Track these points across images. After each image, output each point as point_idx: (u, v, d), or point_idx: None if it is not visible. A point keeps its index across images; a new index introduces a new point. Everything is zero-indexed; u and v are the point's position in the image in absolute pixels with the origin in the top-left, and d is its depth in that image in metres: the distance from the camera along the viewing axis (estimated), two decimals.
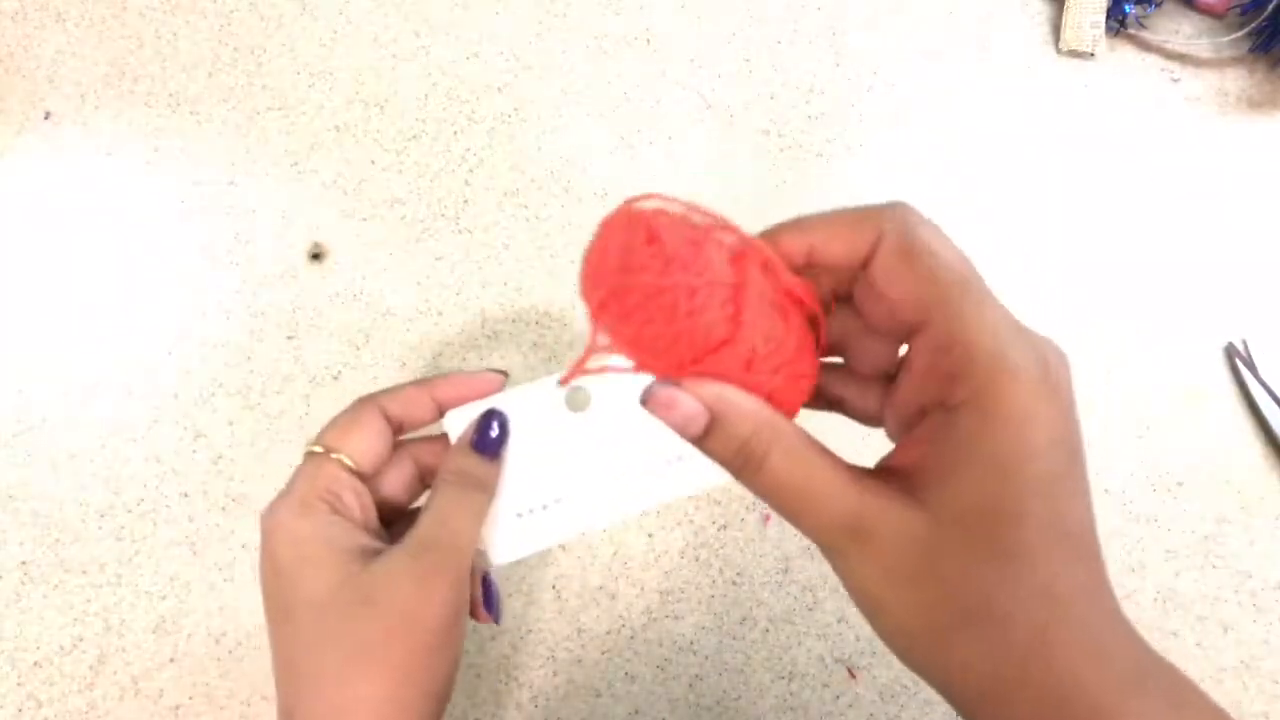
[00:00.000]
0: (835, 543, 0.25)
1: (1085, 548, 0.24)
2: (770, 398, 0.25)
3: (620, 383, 0.37)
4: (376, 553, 0.32)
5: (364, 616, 0.30)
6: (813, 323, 0.27)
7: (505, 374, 0.37)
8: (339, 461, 0.34)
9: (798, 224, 0.26)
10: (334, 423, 0.35)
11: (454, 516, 0.33)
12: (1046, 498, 0.23)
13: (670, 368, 0.25)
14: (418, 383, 0.36)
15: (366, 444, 0.34)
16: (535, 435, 0.36)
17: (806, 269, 0.27)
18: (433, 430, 0.36)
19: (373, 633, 0.30)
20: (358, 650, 0.30)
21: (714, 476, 0.39)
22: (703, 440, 0.25)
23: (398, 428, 0.36)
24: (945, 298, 0.24)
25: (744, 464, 0.25)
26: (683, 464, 0.40)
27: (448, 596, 0.31)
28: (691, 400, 0.25)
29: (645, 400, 0.25)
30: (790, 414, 0.26)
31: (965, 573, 0.23)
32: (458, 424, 0.36)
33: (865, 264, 0.26)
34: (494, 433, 0.35)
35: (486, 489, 0.34)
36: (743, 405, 0.25)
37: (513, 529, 0.40)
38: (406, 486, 0.37)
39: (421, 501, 0.35)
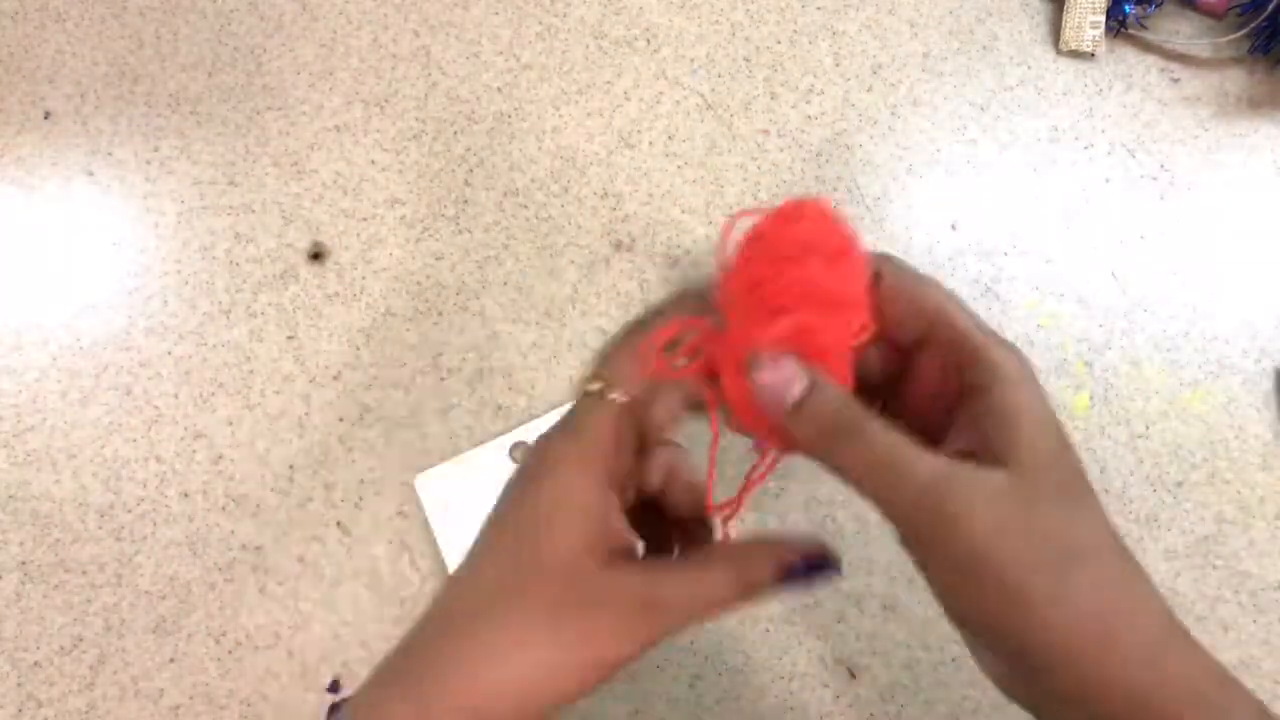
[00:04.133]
0: (933, 500, 0.27)
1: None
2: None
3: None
4: (614, 554, 0.30)
5: (565, 618, 0.29)
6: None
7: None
8: (637, 426, 0.32)
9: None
10: (616, 352, 0.33)
11: (705, 604, 0.30)
12: (1060, 438, 0.28)
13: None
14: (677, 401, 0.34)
15: (670, 413, 0.33)
16: (499, 475, 0.36)
17: None
18: None
19: (564, 639, 0.29)
20: (540, 641, 0.29)
21: None
22: (800, 404, 0.28)
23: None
24: (943, 308, 0.30)
25: (838, 431, 0.28)
26: None
27: (637, 654, 0.30)
28: (795, 364, 0.28)
29: (752, 364, 0.28)
30: None
31: (1059, 516, 0.27)
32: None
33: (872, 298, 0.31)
34: (812, 575, 0.31)
35: (746, 603, 0.31)
36: (833, 382, 0.29)
37: None
38: (672, 415, 0.34)
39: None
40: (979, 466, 0.27)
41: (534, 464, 0.32)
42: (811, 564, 0.30)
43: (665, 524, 0.34)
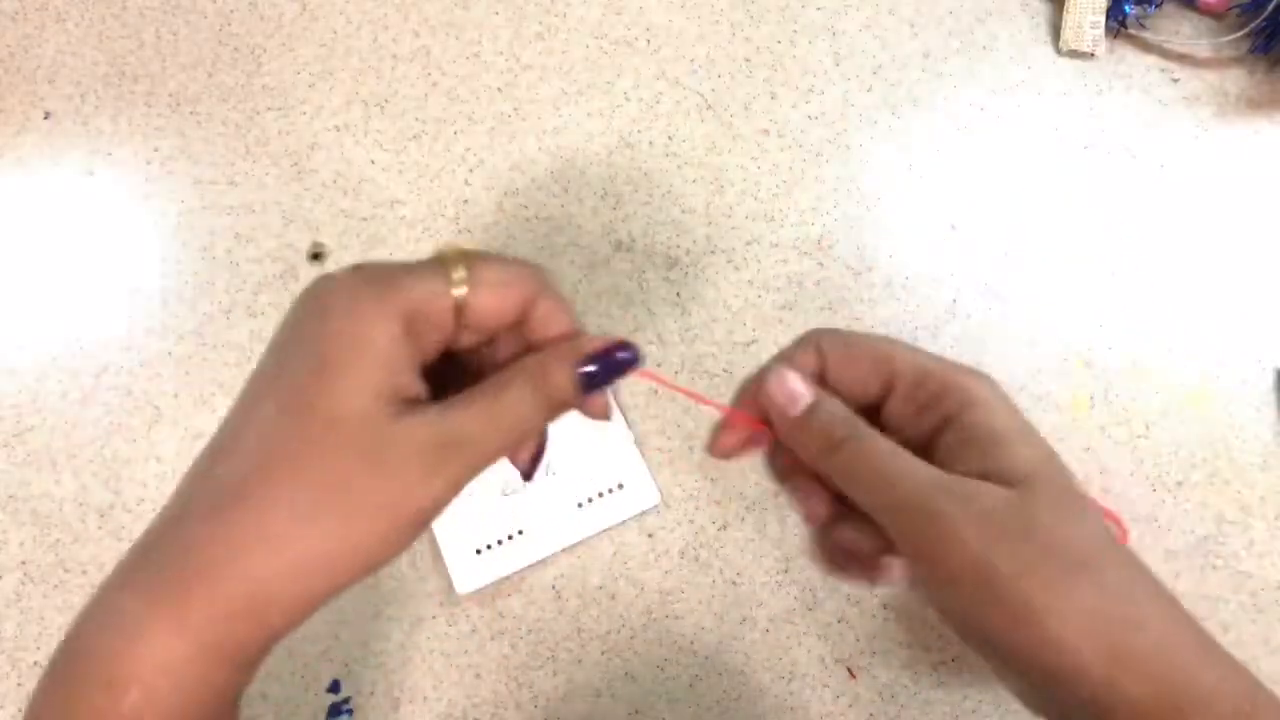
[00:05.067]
0: (932, 507, 0.27)
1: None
2: None
3: (566, 430, 0.35)
4: (408, 402, 0.27)
5: (357, 470, 0.26)
6: None
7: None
8: (454, 299, 0.28)
9: (789, 361, 0.32)
10: (491, 265, 0.28)
11: (508, 427, 0.28)
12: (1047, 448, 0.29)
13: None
14: (567, 315, 0.30)
15: (495, 304, 0.28)
16: (494, 477, 0.38)
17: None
18: None
19: (356, 493, 0.26)
20: (331, 501, 0.26)
21: (647, 499, 0.49)
22: (805, 416, 0.30)
23: (523, 317, 0.29)
24: (897, 354, 0.31)
25: (843, 439, 0.29)
26: (622, 492, 0.49)
27: (444, 497, 0.27)
28: (799, 380, 0.30)
29: (765, 375, 0.31)
30: None
31: (1059, 527, 0.26)
32: None
33: (821, 373, 0.32)
34: (610, 367, 0.29)
35: (557, 415, 0.29)
36: (832, 400, 0.30)
37: (474, 563, 0.48)
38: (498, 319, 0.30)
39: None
40: (975, 480, 0.27)
41: (316, 299, 0.28)
42: (610, 358, 0.29)
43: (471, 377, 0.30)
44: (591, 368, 0.28)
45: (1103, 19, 0.57)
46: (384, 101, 0.56)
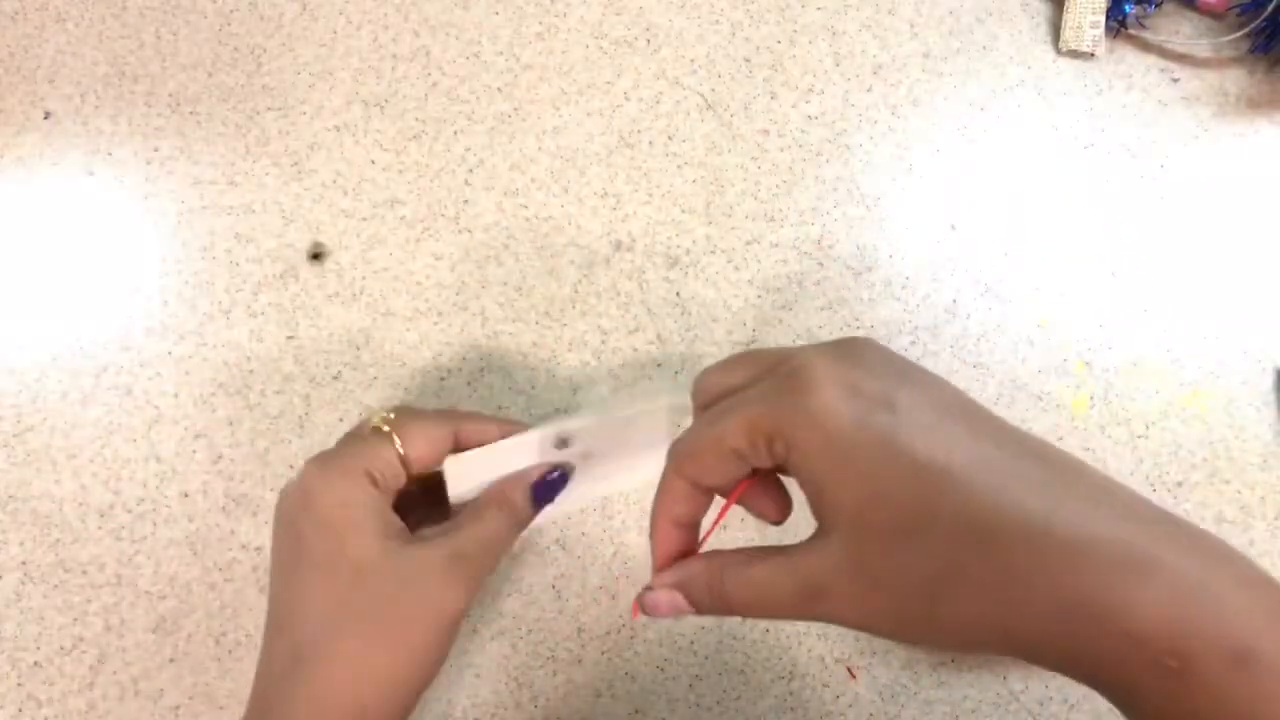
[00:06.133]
0: (813, 610, 0.29)
1: (943, 456, 0.26)
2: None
3: (600, 429, 0.42)
4: (406, 536, 0.36)
5: (398, 596, 0.34)
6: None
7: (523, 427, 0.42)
8: (396, 451, 0.37)
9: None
10: (413, 417, 0.39)
11: (494, 541, 0.38)
12: (867, 470, 0.27)
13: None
14: (492, 427, 0.41)
15: (427, 451, 0.38)
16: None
17: None
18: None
19: (403, 612, 0.34)
20: (387, 624, 0.34)
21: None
22: (692, 606, 0.32)
23: (456, 445, 0.40)
24: (724, 434, 0.30)
25: (720, 607, 0.31)
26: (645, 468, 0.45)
27: (467, 601, 0.36)
28: (666, 594, 0.32)
29: (642, 608, 0.33)
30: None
31: (891, 549, 0.26)
32: (456, 472, 0.39)
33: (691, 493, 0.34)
34: (552, 487, 0.41)
35: (524, 527, 0.40)
36: (691, 569, 0.32)
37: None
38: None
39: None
40: (818, 546, 0.28)
41: (296, 496, 0.36)
42: (547, 481, 0.40)
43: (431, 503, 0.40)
44: (539, 491, 0.40)
45: (1103, 19, 0.57)
46: (384, 101, 0.56)
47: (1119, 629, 0.23)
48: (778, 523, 0.34)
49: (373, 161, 0.55)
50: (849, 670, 0.48)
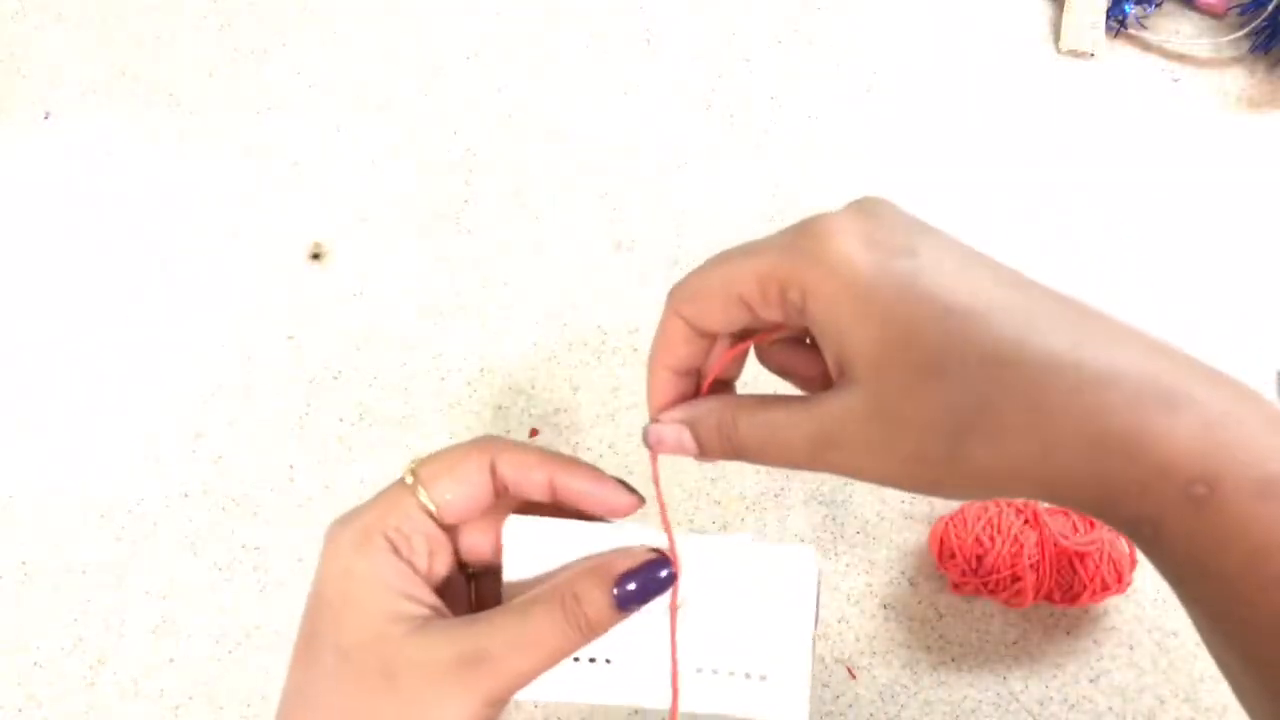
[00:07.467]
0: (827, 458, 0.27)
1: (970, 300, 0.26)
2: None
3: (733, 568, 0.31)
4: (422, 621, 0.27)
5: (378, 691, 0.27)
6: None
7: (642, 500, 0.31)
8: (419, 502, 0.29)
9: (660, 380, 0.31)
10: (438, 455, 0.30)
11: (536, 649, 0.27)
12: (889, 314, 0.26)
13: None
14: (544, 454, 0.30)
15: (458, 492, 0.29)
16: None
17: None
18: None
19: (380, 716, 0.27)
20: None
21: (790, 713, 0.32)
22: (702, 454, 0.30)
23: (502, 489, 0.30)
24: (735, 275, 0.28)
25: (728, 450, 0.29)
26: (763, 685, 0.32)
27: (479, 714, 0.27)
28: (672, 429, 0.30)
29: (645, 442, 0.30)
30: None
31: (914, 402, 0.25)
32: (517, 536, 0.30)
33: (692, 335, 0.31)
34: (648, 588, 0.28)
35: (590, 638, 0.28)
36: (701, 407, 0.30)
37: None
38: (495, 546, 0.31)
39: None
40: (838, 394, 0.27)
41: (321, 557, 0.30)
42: (648, 576, 0.28)
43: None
44: (630, 586, 0.28)
45: (1103, 19, 0.57)
46: (384, 101, 0.56)
47: (1149, 459, 0.23)
48: (815, 384, 0.30)
49: (373, 162, 0.55)
50: (849, 670, 0.48)
